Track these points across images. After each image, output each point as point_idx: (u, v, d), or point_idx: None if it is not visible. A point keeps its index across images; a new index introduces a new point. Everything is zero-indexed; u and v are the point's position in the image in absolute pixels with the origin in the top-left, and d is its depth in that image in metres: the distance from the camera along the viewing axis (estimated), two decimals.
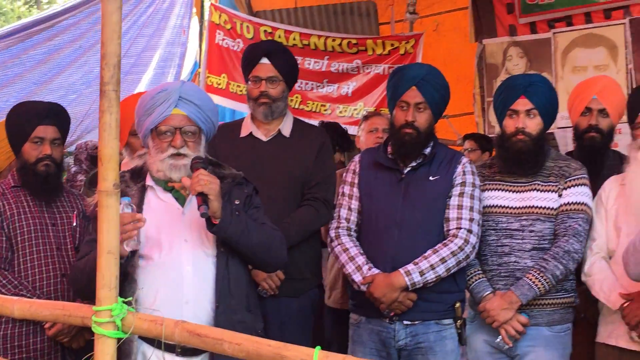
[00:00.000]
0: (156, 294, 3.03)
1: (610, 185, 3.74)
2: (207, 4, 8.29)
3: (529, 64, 7.23)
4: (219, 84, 7.78)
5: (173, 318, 2.71)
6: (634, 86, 6.62)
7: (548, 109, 3.74)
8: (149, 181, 3.20)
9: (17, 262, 3.54)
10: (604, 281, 3.57)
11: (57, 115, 3.72)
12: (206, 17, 8.12)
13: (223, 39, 7.87)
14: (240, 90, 7.91)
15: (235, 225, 3.01)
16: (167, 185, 3.15)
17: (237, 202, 3.17)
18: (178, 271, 3.06)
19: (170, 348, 2.94)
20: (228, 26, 7.89)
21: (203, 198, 2.94)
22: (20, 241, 3.55)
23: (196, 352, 3.01)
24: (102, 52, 2.57)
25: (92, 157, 8.14)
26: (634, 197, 3.55)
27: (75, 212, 3.76)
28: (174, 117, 3.08)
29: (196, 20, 8.89)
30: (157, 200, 3.18)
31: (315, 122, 7.04)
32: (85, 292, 3.05)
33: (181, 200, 3.15)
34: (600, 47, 6.89)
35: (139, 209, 3.11)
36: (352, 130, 7.70)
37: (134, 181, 3.20)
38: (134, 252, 2.97)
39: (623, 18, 6.77)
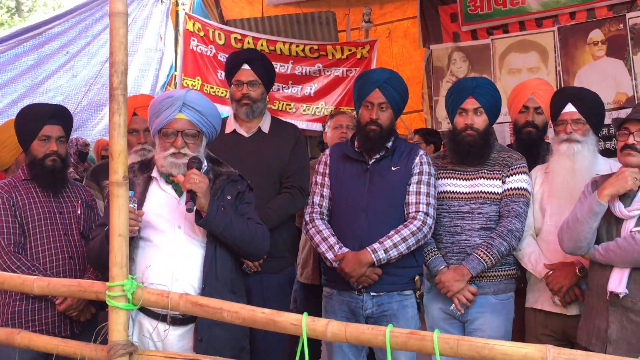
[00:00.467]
0: (151, 271, 3.08)
1: (536, 173, 3.81)
2: (182, 14, 8.22)
3: (471, 67, 7.30)
4: (194, 86, 7.75)
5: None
6: (562, 87, 6.80)
7: (492, 107, 3.77)
8: (154, 173, 3.24)
9: (29, 247, 3.52)
10: (532, 254, 3.66)
11: (61, 116, 3.71)
12: (181, 25, 8.06)
13: (197, 45, 7.85)
14: (213, 92, 7.91)
15: (219, 219, 3.06)
16: (168, 178, 3.20)
17: (229, 198, 3.21)
18: (170, 253, 3.11)
19: (162, 319, 2.97)
20: (201, 33, 7.87)
21: (191, 195, 3.00)
22: (32, 228, 3.53)
23: (183, 322, 3.08)
24: (110, 61, 2.60)
25: (80, 153, 8.16)
26: (556, 183, 3.65)
27: (79, 202, 3.74)
28: (177, 121, 3.13)
29: (172, 28, 8.86)
30: (159, 190, 3.22)
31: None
32: (97, 266, 3.32)
33: (179, 191, 3.18)
34: (532, 51, 7.00)
35: (143, 196, 3.17)
36: (313, 126, 7.80)
37: (142, 172, 3.25)
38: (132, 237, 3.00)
39: (552, 26, 6.88)
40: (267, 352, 3.82)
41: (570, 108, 3.68)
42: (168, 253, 3.12)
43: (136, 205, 3.06)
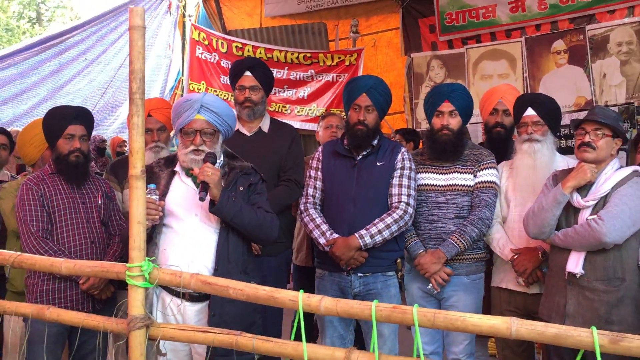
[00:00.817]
0: (170, 253, 3.14)
1: (502, 168, 3.85)
2: (188, 24, 8.22)
3: (447, 73, 7.31)
4: (199, 90, 7.72)
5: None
6: (529, 91, 6.84)
7: (466, 110, 3.81)
8: (177, 167, 3.30)
9: (56, 233, 3.54)
10: (500, 240, 3.71)
11: (84, 117, 3.72)
12: (188, 34, 8.06)
13: (202, 53, 7.84)
14: (216, 95, 7.96)
15: (229, 208, 3.09)
16: (188, 172, 3.25)
17: (241, 189, 3.24)
18: (188, 238, 3.16)
19: (182, 296, 3.09)
20: (206, 42, 7.86)
21: (204, 186, 3.05)
22: (58, 216, 3.55)
23: (200, 299, 3.14)
24: (130, 69, 2.61)
25: (98, 149, 8.18)
26: (519, 178, 3.71)
27: (99, 193, 3.75)
28: (196, 121, 3.19)
29: (179, 37, 8.87)
30: (180, 182, 3.28)
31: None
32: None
33: (197, 184, 3.20)
34: (502, 59, 7.01)
35: (166, 188, 3.23)
36: (307, 126, 7.80)
37: (167, 166, 3.32)
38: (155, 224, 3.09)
39: (520, 37, 6.90)
40: (266, 327, 3.87)
41: (530, 112, 3.72)
42: (186, 238, 3.17)
43: (157, 196, 3.11)
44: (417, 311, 2.26)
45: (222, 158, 3.34)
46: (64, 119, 3.64)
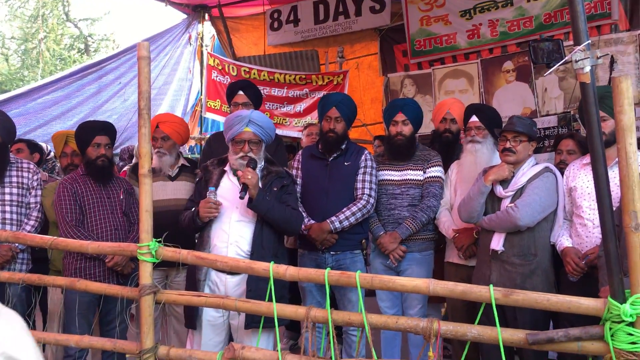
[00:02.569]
0: (214, 237, 3.24)
1: (453, 166, 3.97)
2: (205, 53, 8.31)
3: (417, 90, 7.25)
4: (215, 106, 7.77)
5: (223, 255, 3.02)
6: (484, 104, 6.95)
7: (416, 120, 3.93)
8: (227, 167, 3.40)
9: (86, 222, 3.67)
10: (445, 222, 3.82)
11: (108, 129, 3.85)
12: (205, 61, 8.12)
13: (217, 76, 7.85)
14: (230, 111, 8.05)
15: (263, 205, 3.19)
16: (235, 172, 3.34)
17: (275, 189, 3.33)
18: (229, 226, 3.26)
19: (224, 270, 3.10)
20: (220, 67, 7.88)
21: (244, 186, 3.16)
22: (88, 209, 3.68)
23: (236, 274, 3.18)
24: (138, 90, 2.79)
25: (131, 156, 8.30)
26: (463, 172, 3.83)
27: (121, 190, 3.85)
28: (245, 133, 3.30)
29: (198, 63, 8.95)
30: (227, 180, 3.37)
31: (279, 131, 7.00)
32: (190, 231, 3.44)
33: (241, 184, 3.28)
34: (462, 78, 6.95)
35: (217, 184, 3.33)
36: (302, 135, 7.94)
37: (218, 165, 3.41)
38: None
39: (476, 59, 6.87)
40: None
41: (474, 118, 3.83)
42: (227, 225, 3.26)
43: (217, 197, 3.24)
44: (359, 275, 2.44)
45: (262, 163, 3.42)
46: (92, 131, 3.78)
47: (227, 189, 3.33)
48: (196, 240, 3.53)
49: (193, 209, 3.27)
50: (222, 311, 3.19)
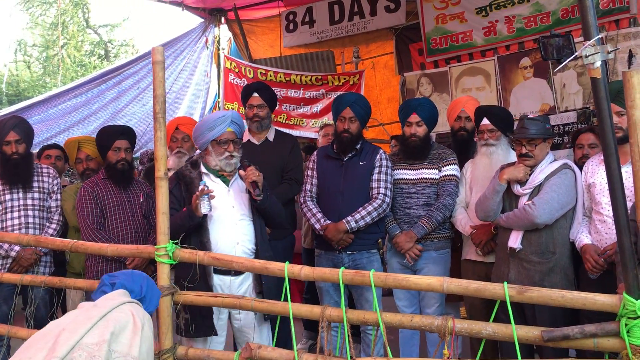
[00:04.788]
0: (219, 239, 3.25)
1: (467, 164, 3.94)
2: (222, 56, 8.32)
3: (434, 88, 7.24)
4: (233, 108, 7.92)
5: (230, 254, 3.01)
6: (502, 101, 6.89)
7: (430, 120, 3.90)
8: (203, 169, 3.38)
9: (107, 225, 3.72)
10: (462, 220, 3.80)
11: (128, 133, 3.90)
12: (222, 64, 8.12)
13: (233, 79, 7.86)
14: (247, 113, 8.07)
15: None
16: (217, 173, 3.36)
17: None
18: (230, 225, 3.29)
19: (227, 272, 3.21)
20: (236, 70, 7.89)
21: (254, 184, 3.20)
22: (108, 212, 3.73)
23: (240, 273, 3.23)
24: (153, 94, 2.82)
25: (150, 159, 8.40)
26: (478, 172, 3.81)
27: (141, 193, 3.91)
28: (228, 133, 3.32)
29: (215, 66, 8.98)
30: (210, 182, 3.34)
31: (297, 132, 7.14)
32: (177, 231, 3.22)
33: (227, 182, 3.36)
34: (479, 75, 6.92)
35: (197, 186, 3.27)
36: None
37: (194, 169, 3.39)
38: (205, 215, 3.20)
39: (493, 56, 6.81)
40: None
41: (485, 121, 3.81)
42: (229, 225, 3.28)
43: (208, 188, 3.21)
44: (373, 274, 2.46)
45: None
46: (112, 135, 3.84)
47: (215, 191, 3.28)
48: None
49: (185, 208, 3.20)
50: (227, 312, 3.26)
